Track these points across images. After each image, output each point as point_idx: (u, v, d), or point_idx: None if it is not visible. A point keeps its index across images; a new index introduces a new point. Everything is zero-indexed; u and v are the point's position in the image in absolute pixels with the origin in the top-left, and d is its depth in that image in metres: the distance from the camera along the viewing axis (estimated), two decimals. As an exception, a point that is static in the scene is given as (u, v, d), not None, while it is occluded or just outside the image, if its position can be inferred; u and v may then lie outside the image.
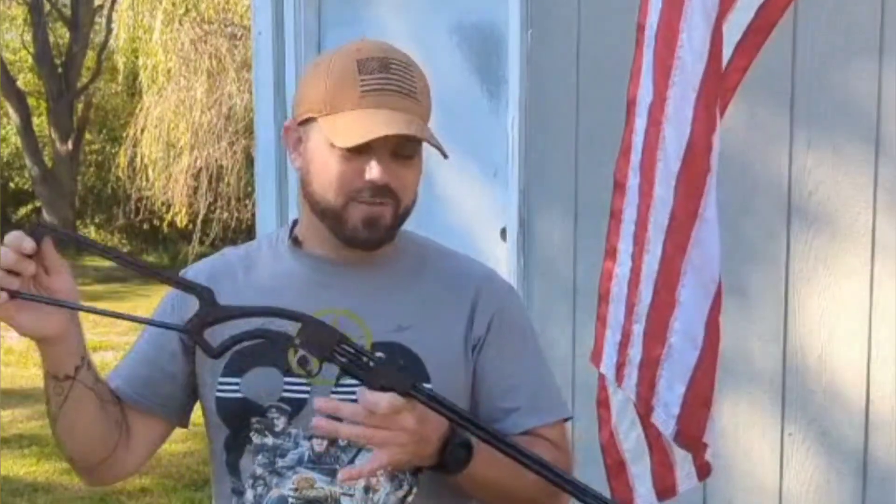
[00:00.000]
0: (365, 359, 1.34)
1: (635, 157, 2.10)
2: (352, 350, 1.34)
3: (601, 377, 2.17)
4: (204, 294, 1.35)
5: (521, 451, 1.35)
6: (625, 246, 2.12)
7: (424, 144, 1.50)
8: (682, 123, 2.03)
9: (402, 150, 1.48)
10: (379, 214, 1.48)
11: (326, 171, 1.49)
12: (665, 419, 2.08)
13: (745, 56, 2.10)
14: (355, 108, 1.45)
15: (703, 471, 2.15)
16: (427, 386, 1.45)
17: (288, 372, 1.48)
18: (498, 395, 1.56)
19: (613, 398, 2.16)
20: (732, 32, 2.08)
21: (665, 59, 2.04)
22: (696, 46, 2.01)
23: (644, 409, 2.10)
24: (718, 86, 2.04)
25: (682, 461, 2.14)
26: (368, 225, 1.48)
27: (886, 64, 2.71)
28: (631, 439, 2.14)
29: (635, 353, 2.11)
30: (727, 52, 2.09)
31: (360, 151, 1.46)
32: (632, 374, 2.12)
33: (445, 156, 1.48)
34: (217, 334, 1.44)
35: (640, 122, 2.09)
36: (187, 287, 1.37)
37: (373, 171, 1.46)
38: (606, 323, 2.17)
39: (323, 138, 1.48)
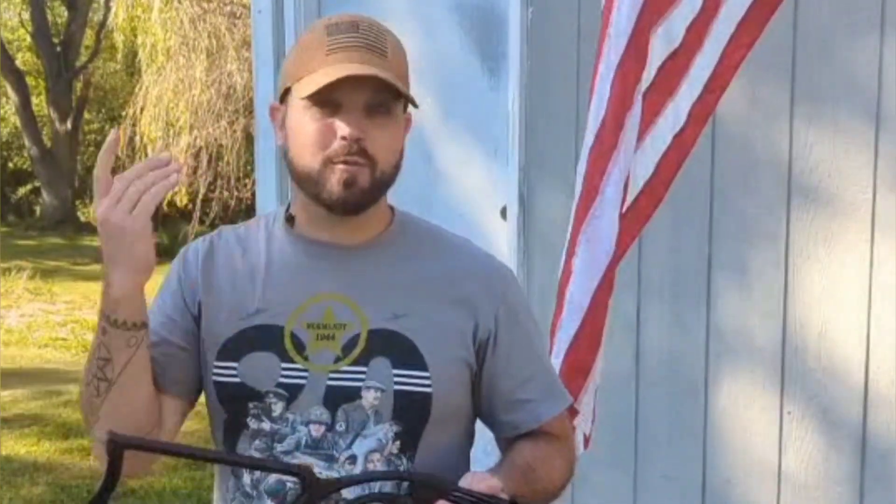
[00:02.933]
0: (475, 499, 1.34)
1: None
2: (463, 494, 1.33)
3: None
4: (304, 474, 1.33)
5: None
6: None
7: (416, 123, 1.50)
8: (601, 99, 2.06)
9: (375, 106, 1.46)
10: (355, 174, 1.46)
11: (302, 134, 1.47)
12: None
13: (748, 33, 2.10)
14: (323, 66, 1.44)
15: (586, 440, 2.19)
16: (424, 375, 1.47)
17: (286, 358, 1.48)
18: (513, 387, 1.56)
19: None
20: (734, 8, 2.08)
21: (602, 36, 2.07)
22: (621, 24, 2.04)
23: None
24: (639, 64, 2.06)
25: (577, 429, 2.17)
26: (345, 185, 1.45)
27: (888, 40, 2.70)
28: None
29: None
30: (728, 29, 2.10)
31: (333, 110, 1.45)
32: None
33: (416, 105, 1.48)
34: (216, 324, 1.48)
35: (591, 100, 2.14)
36: (286, 471, 1.38)
37: (343, 126, 1.44)
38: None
39: (297, 105, 1.48)
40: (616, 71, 2.04)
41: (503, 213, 3.38)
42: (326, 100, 1.44)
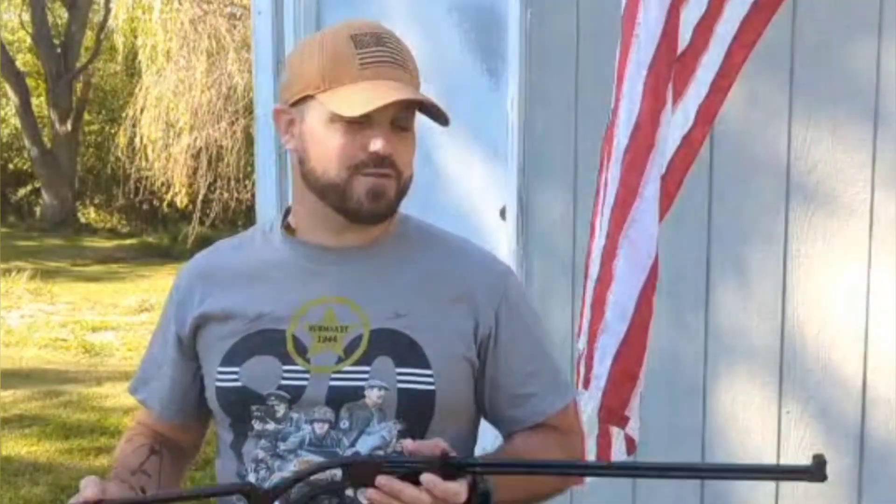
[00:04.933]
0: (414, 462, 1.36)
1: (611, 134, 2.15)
2: (399, 461, 1.36)
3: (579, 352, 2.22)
4: (247, 490, 1.41)
5: (531, 465, 1.45)
6: (598, 222, 2.16)
7: (416, 122, 1.51)
8: (633, 100, 2.06)
9: (401, 121, 1.49)
10: (383, 186, 1.48)
11: (327, 146, 1.48)
12: (594, 392, 2.12)
13: (750, 32, 2.11)
14: (356, 81, 1.46)
15: (630, 445, 2.18)
16: (427, 373, 1.48)
17: (287, 360, 1.49)
18: (515, 383, 1.57)
19: (581, 372, 2.20)
20: (737, 8, 2.09)
21: (627, 37, 2.07)
22: (650, 25, 2.03)
23: (585, 382, 2.14)
24: (670, 64, 2.06)
25: (617, 435, 2.17)
26: (373, 197, 1.48)
27: (885, 41, 2.71)
28: (587, 412, 2.16)
29: (587, 327, 2.16)
30: (731, 29, 2.10)
31: (362, 124, 1.46)
32: (583, 348, 2.16)
33: (447, 123, 1.49)
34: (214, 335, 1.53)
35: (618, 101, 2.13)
36: (230, 492, 1.49)
37: (377, 142, 1.46)
38: (584, 299, 2.20)
39: (320, 115, 1.48)
40: (648, 70, 2.04)
41: (502, 213, 3.38)
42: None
